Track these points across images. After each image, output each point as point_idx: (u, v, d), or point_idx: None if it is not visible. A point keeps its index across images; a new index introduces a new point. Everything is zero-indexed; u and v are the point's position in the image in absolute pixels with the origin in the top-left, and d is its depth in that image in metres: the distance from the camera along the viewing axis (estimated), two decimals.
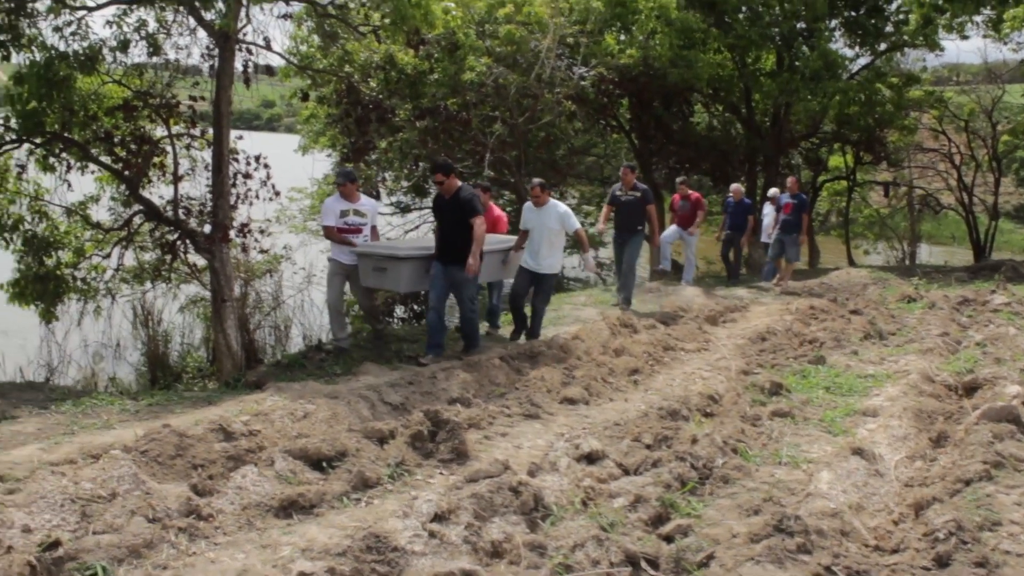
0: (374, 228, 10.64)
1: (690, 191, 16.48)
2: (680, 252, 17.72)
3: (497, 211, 12.03)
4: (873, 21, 20.98)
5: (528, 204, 11.07)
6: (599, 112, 21.04)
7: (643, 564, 4.73)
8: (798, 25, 20.66)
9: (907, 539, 4.98)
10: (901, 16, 21.20)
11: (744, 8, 20.48)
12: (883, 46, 21.98)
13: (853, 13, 21.10)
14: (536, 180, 11.07)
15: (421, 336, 10.64)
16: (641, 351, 10.10)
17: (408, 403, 7.52)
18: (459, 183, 9.74)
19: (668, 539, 5.04)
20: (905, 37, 20.82)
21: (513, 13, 15.92)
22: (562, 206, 10.93)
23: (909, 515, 5.39)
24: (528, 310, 11.13)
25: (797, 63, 20.31)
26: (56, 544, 4.52)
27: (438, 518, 4.91)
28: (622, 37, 20.11)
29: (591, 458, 6.34)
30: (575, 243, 12.99)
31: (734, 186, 17.76)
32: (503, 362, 8.95)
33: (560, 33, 16.19)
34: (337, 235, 10.19)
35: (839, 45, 21.87)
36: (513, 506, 5.25)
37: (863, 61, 22.56)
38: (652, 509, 5.40)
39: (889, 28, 21.35)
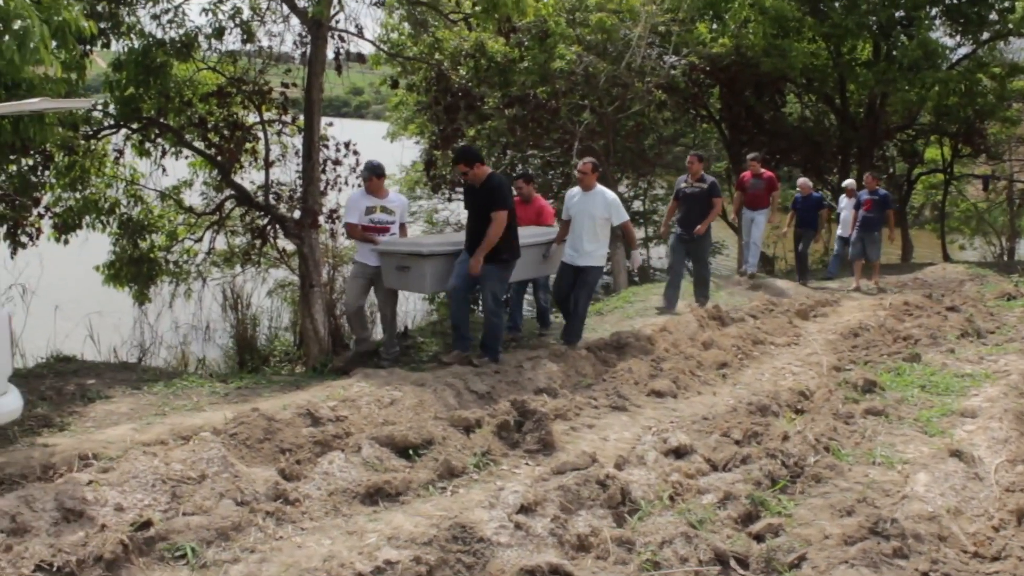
0: (403, 226, 9.66)
1: (763, 169, 15.36)
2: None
3: (542, 202, 10.98)
4: (976, 9, 20.28)
5: (572, 189, 9.90)
6: (689, 101, 20.80)
7: (732, 563, 4.64)
8: (897, 13, 20.11)
9: (1009, 546, 4.81)
10: (1006, 3, 20.48)
11: None
12: (986, 35, 21.28)
13: (955, 1, 20.47)
14: (588, 159, 9.99)
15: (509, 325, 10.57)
16: (730, 344, 9.94)
17: (494, 392, 7.48)
18: (488, 171, 8.70)
19: (758, 538, 4.93)
20: (1010, 26, 20.12)
21: (604, 1, 15.76)
22: (611, 193, 9.78)
23: (1010, 521, 5.20)
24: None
25: (895, 53, 19.77)
26: (148, 524, 4.59)
27: (524, 510, 4.87)
28: (714, 26, 19.82)
29: (679, 452, 6.25)
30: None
31: (801, 180, 16.68)
32: (590, 352, 8.87)
33: (652, 21, 15.99)
34: (361, 233, 9.19)
35: (939, 34, 21.24)
36: (600, 499, 5.20)
37: (964, 50, 21.90)
38: (742, 507, 5.29)
39: (993, 16, 20.64)
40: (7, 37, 6.56)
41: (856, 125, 22.31)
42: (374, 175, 9.28)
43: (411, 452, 5.91)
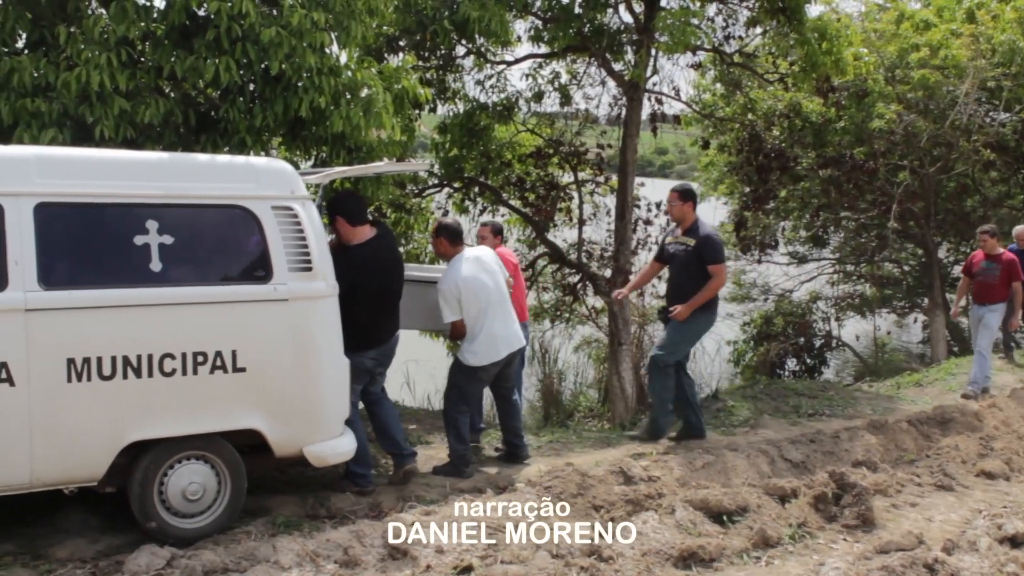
0: None
1: (1001, 248, 10.88)
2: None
3: (504, 252, 7.83)
4: None
5: None
6: (1020, 161, 19.44)
7: None
8: None
9: None
10: None
11: None
12: None
13: None
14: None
15: (820, 392, 10.19)
16: None
17: (809, 462, 7.22)
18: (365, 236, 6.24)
19: None
20: None
21: (928, 57, 15.06)
22: (506, 252, 7.65)
23: None
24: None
25: None
26: (468, 568, 4.76)
27: None
28: None
29: (1015, 541, 5.76)
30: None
31: (1018, 229, 12.28)
32: (911, 426, 8.37)
33: (980, 77, 15.12)
34: None
35: None
36: None
37: None
38: None
39: None
40: (354, 105, 7.11)
41: None
42: None
43: (724, 518, 5.78)
